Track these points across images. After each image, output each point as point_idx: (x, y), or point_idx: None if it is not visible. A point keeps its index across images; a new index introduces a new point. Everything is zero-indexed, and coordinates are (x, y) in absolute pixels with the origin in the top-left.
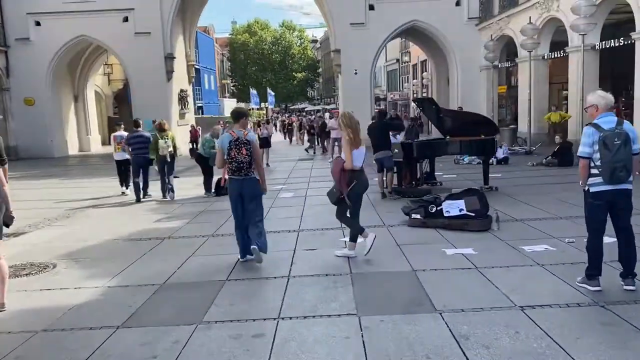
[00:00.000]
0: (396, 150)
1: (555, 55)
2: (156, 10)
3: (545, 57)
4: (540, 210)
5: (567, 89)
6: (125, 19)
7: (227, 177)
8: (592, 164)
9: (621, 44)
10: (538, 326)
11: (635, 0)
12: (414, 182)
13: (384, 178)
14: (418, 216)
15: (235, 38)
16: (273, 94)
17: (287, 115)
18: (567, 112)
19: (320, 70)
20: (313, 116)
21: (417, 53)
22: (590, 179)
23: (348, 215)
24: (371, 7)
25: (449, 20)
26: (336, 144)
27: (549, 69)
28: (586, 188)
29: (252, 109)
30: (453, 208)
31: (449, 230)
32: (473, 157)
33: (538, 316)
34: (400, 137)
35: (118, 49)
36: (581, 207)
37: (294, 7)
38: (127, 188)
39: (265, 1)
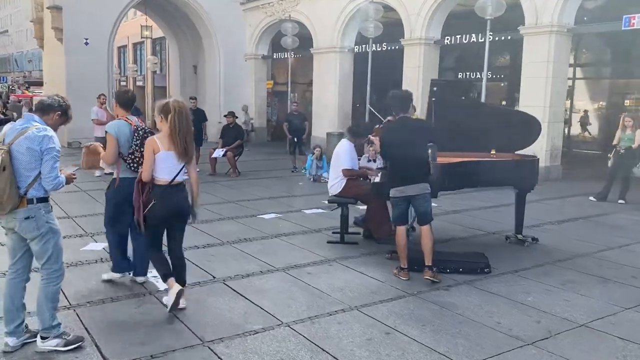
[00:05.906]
0: None
1: (383, 48)
2: None
3: (355, 49)
4: None
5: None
6: None
7: (120, 176)
8: None
9: (509, 38)
10: None
11: None
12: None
13: (421, 241)
14: None
15: None
16: None
17: None
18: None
19: None
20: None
21: (125, 32)
22: None
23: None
24: None
25: None
26: None
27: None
28: None
29: None
30: None
31: None
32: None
33: None
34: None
35: None
36: None
37: None
38: None
39: None
